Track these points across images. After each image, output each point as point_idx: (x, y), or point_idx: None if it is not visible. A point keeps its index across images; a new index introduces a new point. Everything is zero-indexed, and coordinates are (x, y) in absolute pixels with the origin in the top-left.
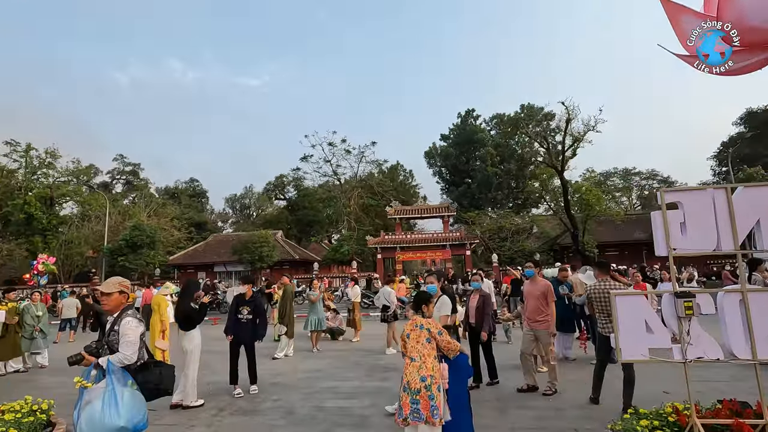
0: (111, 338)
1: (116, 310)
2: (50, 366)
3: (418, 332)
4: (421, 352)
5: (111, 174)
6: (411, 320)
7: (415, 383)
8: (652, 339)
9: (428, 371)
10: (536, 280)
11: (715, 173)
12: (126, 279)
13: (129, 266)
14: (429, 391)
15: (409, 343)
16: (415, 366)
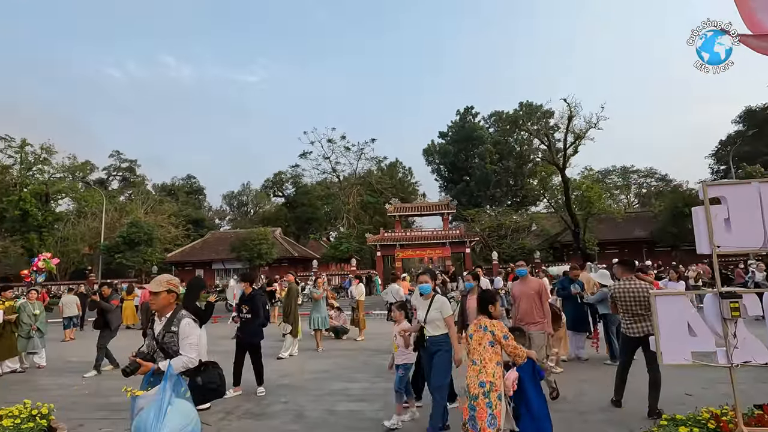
0: (167, 340)
1: (165, 310)
2: (48, 366)
3: (481, 334)
4: (482, 356)
5: (107, 170)
6: (476, 321)
7: (473, 388)
8: (695, 342)
9: (488, 377)
10: (528, 280)
11: (713, 171)
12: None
13: (126, 263)
14: (487, 398)
15: (471, 344)
16: (475, 370)
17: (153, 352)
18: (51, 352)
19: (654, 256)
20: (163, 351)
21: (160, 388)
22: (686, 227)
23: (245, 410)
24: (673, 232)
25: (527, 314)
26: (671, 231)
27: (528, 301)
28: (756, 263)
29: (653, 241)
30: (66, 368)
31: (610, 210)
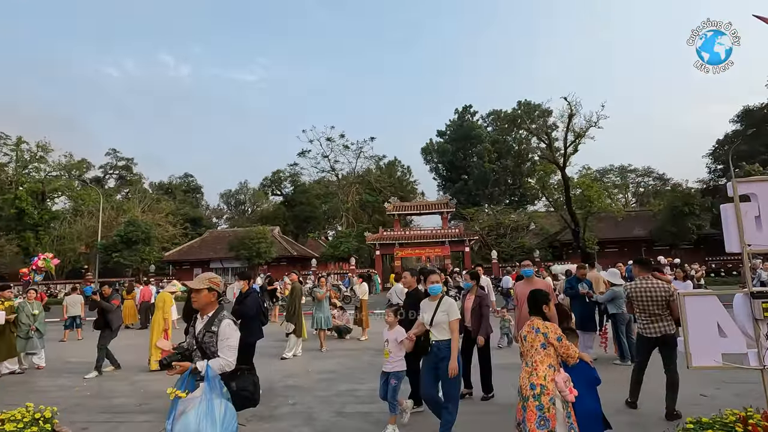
0: (206, 339)
1: (207, 309)
2: (48, 367)
3: (534, 336)
4: (534, 358)
5: (103, 169)
6: (529, 322)
7: (525, 389)
8: (725, 343)
9: (539, 379)
10: (533, 281)
11: (710, 170)
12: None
13: (123, 262)
14: (537, 401)
15: (525, 346)
16: (527, 371)
17: (192, 350)
18: (50, 353)
19: (653, 255)
20: (202, 351)
21: (205, 390)
22: (685, 226)
23: (252, 413)
24: (673, 231)
25: None
26: (670, 230)
27: None
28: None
29: (652, 240)
30: (65, 369)
31: (610, 209)
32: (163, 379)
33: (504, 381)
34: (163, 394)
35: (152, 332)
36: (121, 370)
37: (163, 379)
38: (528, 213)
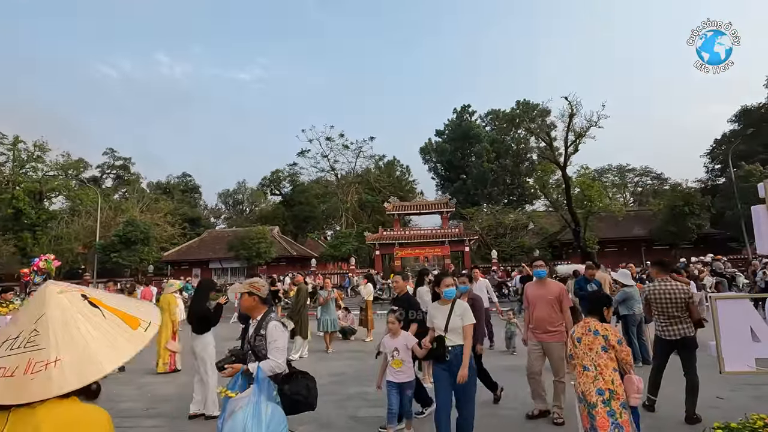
0: (257, 343)
1: (255, 312)
2: None
3: (592, 338)
4: (596, 362)
5: (101, 168)
6: (583, 323)
7: (590, 395)
8: (759, 348)
9: (606, 384)
10: (546, 283)
11: (708, 170)
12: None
13: (122, 263)
14: (607, 407)
15: (580, 348)
16: (589, 376)
17: (246, 353)
18: None
19: (652, 254)
20: (254, 353)
21: (254, 391)
22: (686, 226)
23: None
24: (673, 230)
25: (544, 322)
26: (671, 230)
27: (545, 307)
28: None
29: (652, 239)
30: None
31: (611, 208)
32: (171, 382)
33: (513, 382)
34: (171, 398)
35: (159, 334)
36: (125, 373)
37: (171, 382)
38: (527, 213)
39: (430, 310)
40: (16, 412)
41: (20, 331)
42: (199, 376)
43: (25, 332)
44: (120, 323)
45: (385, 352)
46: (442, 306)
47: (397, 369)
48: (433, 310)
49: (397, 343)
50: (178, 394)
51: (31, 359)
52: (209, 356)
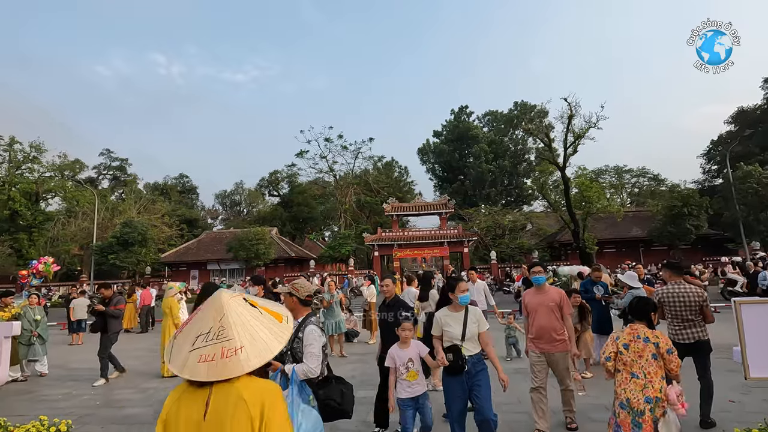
0: (295, 345)
1: (297, 314)
2: (51, 374)
3: (641, 345)
4: (646, 369)
5: (97, 169)
6: (630, 329)
7: (638, 403)
8: None
9: (655, 392)
10: (545, 289)
11: (704, 171)
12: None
13: (119, 264)
14: (653, 415)
15: (627, 355)
16: (638, 384)
17: (285, 353)
18: (51, 359)
19: (650, 255)
20: (293, 355)
21: (288, 392)
22: (684, 226)
23: None
24: (671, 231)
25: (546, 331)
26: (669, 230)
27: (546, 316)
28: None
29: (650, 240)
30: (69, 376)
31: (610, 209)
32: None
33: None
34: None
35: (163, 338)
36: (130, 378)
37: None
38: (525, 213)
39: (442, 317)
40: (218, 386)
41: (210, 327)
42: None
43: (213, 328)
44: (271, 318)
45: (395, 366)
46: (454, 313)
47: (414, 381)
48: (445, 317)
49: (410, 354)
50: None
51: (223, 347)
52: None
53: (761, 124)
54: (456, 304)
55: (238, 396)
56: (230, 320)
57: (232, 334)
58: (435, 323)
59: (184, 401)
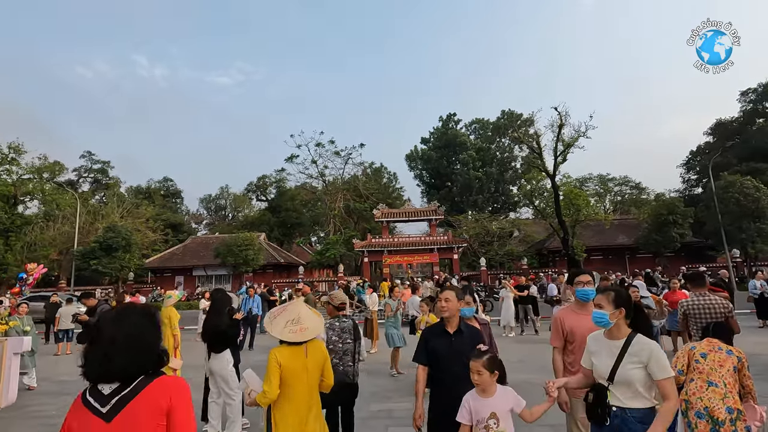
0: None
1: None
2: (40, 387)
3: (724, 356)
4: (726, 380)
5: (77, 172)
6: (707, 342)
7: (719, 412)
8: None
9: (736, 404)
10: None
11: (684, 180)
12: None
13: (102, 270)
14: (733, 426)
15: (705, 364)
16: (718, 392)
17: None
18: (39, 371)
19: (636, 262)
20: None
21: None
22: (669, 235)
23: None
24: (657, 239)
25: None
26: (655, 238)
27: None
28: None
29: (636, 247)
30: (61, 390)
31: (598, 216)
32: None
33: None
34: None
35: None
36: None
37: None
38: (512, 221)
39: (590, 341)
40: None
41: (294, 316)
42: (213, 398)
43: (295, 317)
44: (317, 313)
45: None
46: (607, 340)
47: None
48: (594, 342)
49: (495, 406)
50: None
51: (301, 327)
52: (231, 376)
53: (738, 135)
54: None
55: (314, 345)
56: (302, 315)
57: (303, 321)
58: (586, 349)
59: (289, 354)
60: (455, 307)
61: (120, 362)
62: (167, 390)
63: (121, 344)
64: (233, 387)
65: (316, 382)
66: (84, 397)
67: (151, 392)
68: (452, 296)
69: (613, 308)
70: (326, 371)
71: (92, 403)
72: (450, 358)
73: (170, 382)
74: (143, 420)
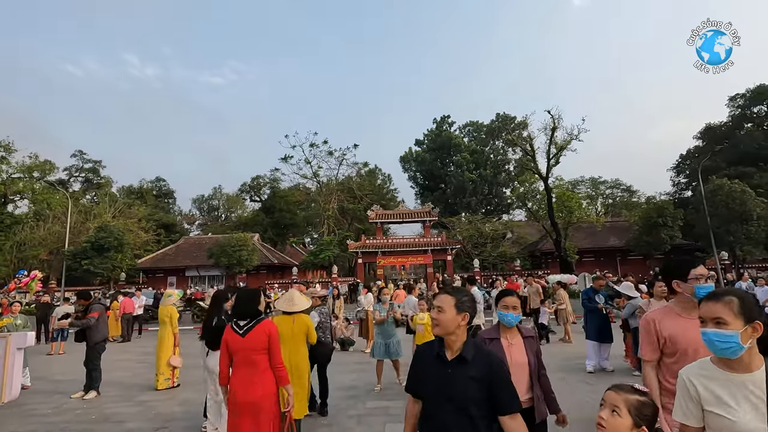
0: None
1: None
2: (35, 386)
3: None
4: None
5: (68, 171)
6: None
7: None
8: None
9: None
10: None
11: (674, 183)
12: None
13: (94, 270)
14: None
15: None
16: None
17: None
18: (37, 371)
19: (627, 264)
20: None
21: None
22: (660, 237)
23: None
24: (648, 241)
25: None
26: (646, 240)
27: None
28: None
29: (627, 249)
30: (56, 389)
31: (590, 218)
32: (173, 399)
33: None
34: (178, 416)
35: (160, 349)
36: (122, 390)
37: (173, 398)
38: (505, 223)
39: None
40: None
41: (290, 296)
42: (211, 396)
43: (290, 297)
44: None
45: None
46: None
47: None
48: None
49: None
50: (185, 412)
51: (293, 303)
52: None
53: (727, 140)
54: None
55: (300, 317)
56: (294, 297)
57: (294, 300)
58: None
59: (282, 321)
60: (452, 322)
61: (248, 310)
62: (268, 324)
63: (247, 303)
64: None
65: (300, 343)
66: (231, 326)
67: (261, 325)
68: (448, 304)
69: (742, 323)
70: (310, 333)
71: (235, 329)
72: (440, 396)
73: (269, 321)
74: (258, 337)
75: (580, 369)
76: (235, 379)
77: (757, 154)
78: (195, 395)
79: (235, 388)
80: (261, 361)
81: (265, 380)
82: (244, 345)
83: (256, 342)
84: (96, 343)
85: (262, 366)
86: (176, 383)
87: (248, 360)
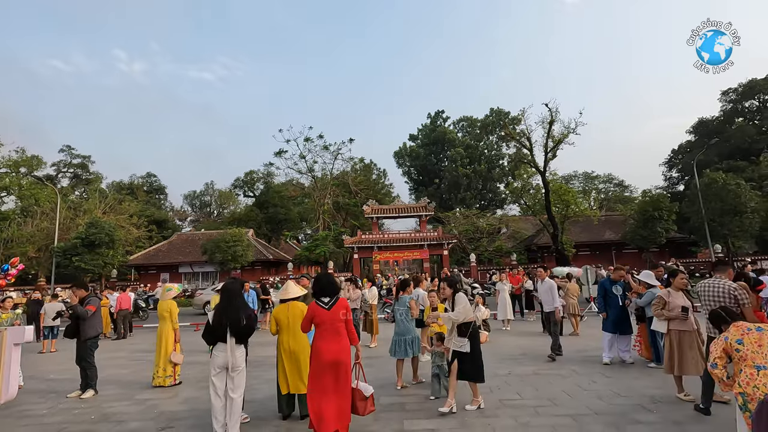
0: None
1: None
2: (27, 386)
3: (757, 334)
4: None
5: (56, 166)
6: (734, 326)
7: None
8: None
9: None
10: None
11: (666, 178)
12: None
13: (84, 267)
14: None
15: (746, 349)
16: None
17: None
18: (30, 369)
19: (623, 257)
20: None
21: None
22: (655, 230)
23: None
24: (643, 234)
25: None
26: (642, 234)
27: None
28: None
29: (623, 243)
30: (49, 388)
31: (586, 212)
32: (175, 397)
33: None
34: (181, 415)
35: (160, 345)
36: (120, 388)
37: (175, 396)
38: (499, 217)
39: None
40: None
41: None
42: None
43: (285, 288)
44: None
45: None
46: None
47: None
48: None
49: None
50: (190, 410)
51: (288, 291)
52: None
53: (719, 134)
54: None
55: (294, 305)
56: (289, 286)
57: (289, 289)
58: None
59: (279, 310)
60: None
61: (330, 290)
62: (344, 301)
63: (329, 284)
64: (242, 382)
65: (296, 328)
66: (316, 303)
67: (340, 301)
68: None
69: None
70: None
71: (320, 305)
72: None
73: (344, 299)
74: (339, 309)
75: (594, 361)
76: (321, 342)
77: (749, 148)
78: (198, 393)
79: (321, 349)
80: (341, 328)
81: (343, 341)
82: (330, 316)
83: (337, 314)
84: (88, 339)
85: (342, 332)
86: (178, 380)
87: (333, 328)
